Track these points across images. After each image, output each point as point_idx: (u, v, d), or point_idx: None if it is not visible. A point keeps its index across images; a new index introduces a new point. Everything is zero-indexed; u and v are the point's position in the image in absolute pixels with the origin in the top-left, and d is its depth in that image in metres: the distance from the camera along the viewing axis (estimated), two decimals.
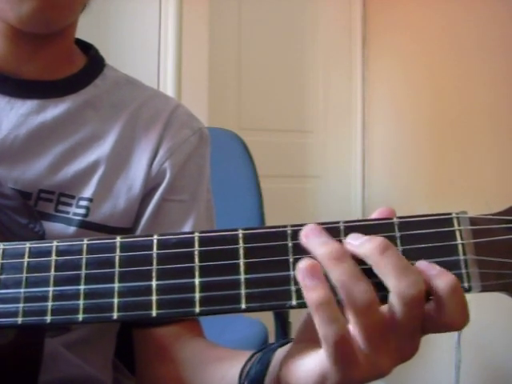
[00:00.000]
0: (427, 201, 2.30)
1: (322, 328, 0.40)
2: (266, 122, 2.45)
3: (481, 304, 1.96)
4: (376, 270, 0.41)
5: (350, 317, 0.41)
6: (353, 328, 0.41)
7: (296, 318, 0.51)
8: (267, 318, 1.39)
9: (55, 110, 0.69)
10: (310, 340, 0.44)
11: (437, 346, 2.06)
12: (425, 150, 2.35)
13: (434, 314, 0.41)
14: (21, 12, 0.62)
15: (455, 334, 2.05)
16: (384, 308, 0.41)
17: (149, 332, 0.70)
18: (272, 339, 1.47)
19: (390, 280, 0.40)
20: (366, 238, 0.42)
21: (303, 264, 0.41)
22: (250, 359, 0.54)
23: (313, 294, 0.40)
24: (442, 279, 0.41)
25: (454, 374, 2.07)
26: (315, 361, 0.42)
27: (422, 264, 0.42)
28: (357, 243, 0.42)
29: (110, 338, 0.75)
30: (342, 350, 0.40)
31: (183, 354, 0.67)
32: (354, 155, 2.62)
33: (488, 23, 2.05)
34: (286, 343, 0.49)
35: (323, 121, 2.60)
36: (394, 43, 2.51)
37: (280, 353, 0.49)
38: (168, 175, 0.72)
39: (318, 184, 2.57)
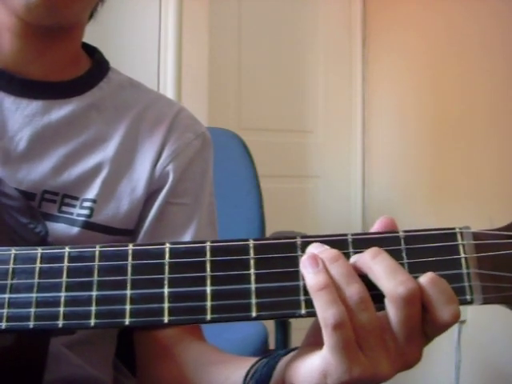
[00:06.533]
0: (427, 201, 2.30)
1: (321, 312, 0.42)
2: (266, 122, 2.45)
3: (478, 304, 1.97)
4: (370, 276, 0.43)
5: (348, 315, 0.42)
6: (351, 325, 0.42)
7: (296, 319, 0.51)
8: None
9: (60, 111, 0.69)
10: (315, 344, 0.45)
11: (437, 346, 2.06)
12: (425, 150, 2.35)
13: (426, 314, 0.42)
14: (29, 0, 0.62)
15: (455, 334, 2.05)
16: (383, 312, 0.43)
17: (151, 334, 0.70)
18: (272, 339, 1.47)
19: (381, 282, 0.42)
20: None
21: (305, 256, 0.44)
22: (255, 363, 0.54)
23: (313, 278, 0.43)
24: (421, 278, 0.43)
25: (454, 374, 2.07)
26: (318, 358, 0.43)
27: None
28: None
29: (111, 338, 0.76)
30: (341, 334, 0.41)
31: (186, 356, 0.67)
32: (354, 155, 2.62)
33: (489, 22, 2.05)
34: (294, 351, 0.50)
35: (323, 121, 2.60)
36: (394, 43, 2.51)
37: (286, 358, 0.50)
38: (171, 178, 0.72)
39: (317, 184, 2.57)
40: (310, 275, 0.43)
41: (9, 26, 0.67)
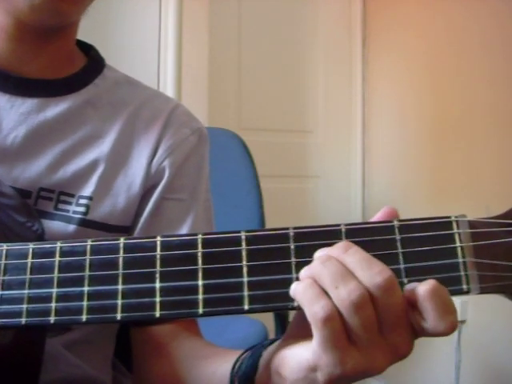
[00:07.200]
0: (427, 201, 2.30)
1: (309, 308, 0.41)
2: (266, 122, 2.45)
3: (480, 304, 1.97)
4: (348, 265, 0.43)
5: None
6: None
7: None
8: (267, 318, 1.39)
9: (55, 108, 0.69)
10: (301, 336, 0.45)
11: (437, 346, 2.06)
12: (425, 150, 2.35)
13: (420, 320, 0.42)
14: (34, 1, 0.62)
15: (455, 334, 2.05)
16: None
17: (146, 330, 0.70)
18: None
19: (358, 273, 0.42)
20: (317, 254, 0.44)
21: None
22: (241, 356, 0.54)
23: (296, 285, 0.43)
24: (421, 285, 0.42)
25: (454, 374, 2.07)
26: (306, 352, 0.43)
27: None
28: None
29: (110, 337, 0.76)
30: (331, 327, 0.41)
31: (179, 352, 0.67)
32: (354, 155, 2.62)
33: (489, 22, 2.05)
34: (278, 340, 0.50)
35: (323, 121, 2.60)
36: (394, 43, 2.51)
37: (271, 348, 0.50)
38: (167, 174, 0.72)
39: (317, 184, 2.57)
40: (294, 285, 0.43)
41: (3, 27, 0.67)
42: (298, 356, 0.44)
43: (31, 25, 0.66)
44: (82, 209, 0.68)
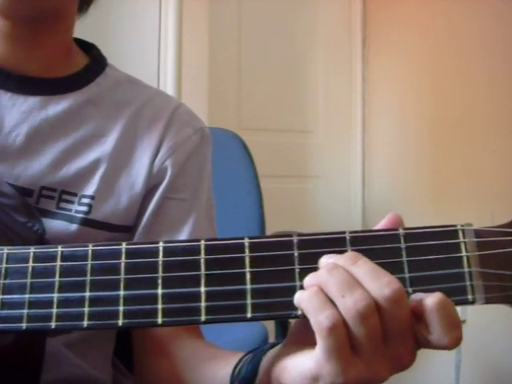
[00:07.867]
0: (427, 201, 2.30)
1: (314, 316, 0.41)
2: (266, 121, 2.44)
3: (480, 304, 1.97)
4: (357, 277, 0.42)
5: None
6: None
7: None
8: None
9: (57, 107, 0.69)
10: (302, 343, 0.45)
11: None
12: (425, 150, 2.35)
13: (424, 332, 0.42)
14: None
15: None
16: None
17: (147, 331, 0.70)
18: (272, 340, 1.47)
19: (366, 284, 0.41)
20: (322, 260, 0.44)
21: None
22: (241, 359, 0.54)
23: (301, 293, 0.42)
24: (428, 298, 0.41)
25: (454, 374, 2.07)
26: (309, 360, 0.43)
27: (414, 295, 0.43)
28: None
29: (110, 337, 0.75)
30: (336, 337, 0.40)
31: (180, 353, 0.67)
32: (354, 155, 2.62)
33: (489, 22, 2.05)
34: (278, 345, 0.50)
35: (323, 121, 2.59)
36: (394, 43, 2.51)
37: (271, 353, 0.49)
38: (169, 173, 0.72)
39: (317, 184, 2.57)
40: (298, 293, 0.43)
41: None
42: (299, 365, 0.43)
43: (10, 15, 0.65)
44: (84, 208, 0.67)
